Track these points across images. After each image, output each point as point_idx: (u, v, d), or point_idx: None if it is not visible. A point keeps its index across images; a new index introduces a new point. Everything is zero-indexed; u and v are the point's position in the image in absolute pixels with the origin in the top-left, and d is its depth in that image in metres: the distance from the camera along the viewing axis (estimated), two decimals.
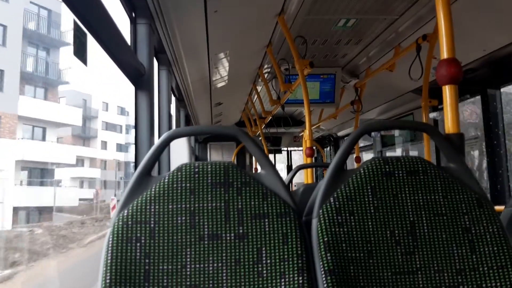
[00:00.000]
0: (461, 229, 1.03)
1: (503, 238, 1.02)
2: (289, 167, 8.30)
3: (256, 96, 4.74)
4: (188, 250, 1.00)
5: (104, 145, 30.59)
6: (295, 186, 6.25)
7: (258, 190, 1.05)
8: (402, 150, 4.99)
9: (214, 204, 1.04)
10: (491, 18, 2.44)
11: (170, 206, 1.03)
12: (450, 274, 0.99)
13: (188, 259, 0.99)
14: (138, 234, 1.00)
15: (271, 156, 8.13)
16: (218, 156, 7.56)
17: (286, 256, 1.00)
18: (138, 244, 1.00)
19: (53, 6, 21.40)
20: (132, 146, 30.17)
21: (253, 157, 4.05)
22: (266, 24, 2.84)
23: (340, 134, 6.68)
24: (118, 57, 1.65)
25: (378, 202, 1.04)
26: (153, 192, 1.04)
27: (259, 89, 4.65)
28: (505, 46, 2.55)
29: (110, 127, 31.59)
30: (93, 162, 28.63)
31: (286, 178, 3.10)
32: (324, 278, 0.96)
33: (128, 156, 30.71)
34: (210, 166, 1.07)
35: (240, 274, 0.99)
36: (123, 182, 27.42)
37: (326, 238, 1.00)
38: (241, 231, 1.02)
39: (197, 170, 1.06)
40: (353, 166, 5.43)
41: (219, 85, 4.31)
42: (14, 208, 16.27)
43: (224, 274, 0.99)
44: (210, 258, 1.00)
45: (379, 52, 3.44)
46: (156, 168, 2.07)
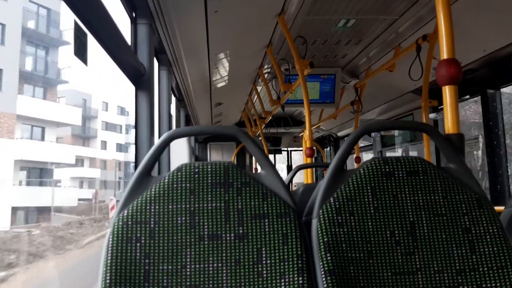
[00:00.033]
0: (461, 229, 1.03)
1: (503, 238, 1.02)
2: (289, 167, 8.30)
3: (256, 96, 4.74)
4: (188, 250, 1.00)
5: (104, 145, 30.58)
6: (295, 186, 6.25)
7: (258, 190, 1.05)
8: (402, 151, 4.99)
9: (214, 204, 1.04)
10: (491, 18, 2.44)
11: (170, 206, 1.03)
12: (450, 274, 0.99)
13: (188, 259, 0.99)
14: (138, 234, 1.00)
15: (271, 156, 8.12)
16: (218, 156, 7.56)
17: (286, 256, 1.00)
18: (138, 244, 1.00)
19: (52, 5, 21.36)
20: (132, 146, 30.17)
21: (253, 157, 4.06)
22: (266, 24, 2.84)
23: (340, 134, 6.68)
24: (119, 57, 1.65)
25: (378, 203, 1.04)
26: (153, 192, 1.04)
27: (259, 89, 4.65)
28: (505, 47, 2.55)
29: (110, 127, 31.58)
30: (92, 162, 28.63)
31: (286, 178, 3.10)
32: (324, 278, 0.96)
33: (128, 156, 30.70)
34: (210, 166, 1.07)
35: (240, 274, 0.99)
36: (123, 182, 27.42)
37: (326, 238, 1.00)
38: (241, 231, 1.02)
39: (197, 170, 1.06)
40: (353, 166, 5.43)
41: (219, 85, 4.31)
42: (12, 208, 16.23)
43: (224, 274, 0.99)
44: (210, 258, 1.00)
45: (379, 52, 3.44)
46: (156, 168, 2.07)
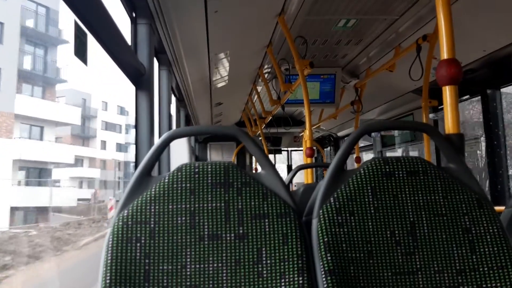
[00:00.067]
0: (461, 229, 1.03)
1: (503, 238, 1.02)
2: (289, 167, 8.30)
3: (256, 96, 4.73)
4: (188, 250, 1.00)
5: (103, 145, 30.57)
6: (295, 186, 6.24)
7: (258, 190, 1.05)
8: (402, 151, 4.99)
9: (214, 204, 1.04)
10: (491, 18, 2.44)
11: (170, 206, 1.03)
12: (450, 274, 0.99)
13: (188, 259, 0.99)
14: (138, 234, 1.00)
15: (271, 156, 8.12)
16: (218, 156, 7.55)
17: (286, 256, 1.00)
18: (138, 244, 1.00)
19: (51, 4, 21.32)
20: (131, 146, 30.16)
21: (253, 157, 4.05)
22: (266, 24, 2.84)
23: (340, 134, 6.67)
24: (119, 57, 1.65)
25: (378, 203, 1.04)
26: (153, 192, 1.04)
27: (259, 89, 4.65)
28: (505, 47, 2.55)
29: (109, 127, 31.56)
30: (92, 162, 28.61)
31: (286, 178, 3.10)
32: (324, 278, 0.96)
33: (127, 156, 30.69)
34: (210, 166, 1.07)
35: (240, 274, 0.99)
36: (122, 182, 27.38)
37: (326, 238, 1.00)
38: (241, 231, 1.02)
39: (197, 170, 1.06)
40: (353, 166, 5.43)
41: (219, 85, 4.31)
42: (11, 208, 16.18)
43: (224, 274, 0.98)
44: (210, 258, 1.00)
45: (379, 52, 3.44)
46: (156, 168, 2.07)
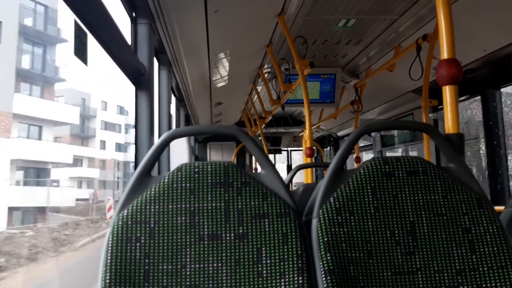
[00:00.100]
0: (461, 229, 1.03)
1: (503, 238, 1.02)
2: (289, 167, 8.30)
3: (256, 96, 4.73)
4: (188, 250, 1.00)
5: (103, 144, 30.55)
6: (295, 186, 6.25)
7: (258, 190, 1.05)
8: (402, 150, 4.99)
9: (214, 204, 1.04)
10: (491, 18, 2.44)
11: (170, 206, 1.03)
12: (450, 274, 0.99)
13: (188, 259, 0.99)
14: (138, 234, 1.00)
15: (271, 156, 8.12)
16: (218, 156, 7.55)
17: (286, 256, 1.00)
18: (138, 244, 1.00)
19: (49, 2, 21.25)
20: (131, 146, 30.14)
21: (253, 157, 4.05)
22: (266, 24, 2.84)
23: (340, 134, 6.67)
24: (119, 57, 1.65)
25: (378, 202, 1.04)
26: (153, 192, 1.04)
27: (259, 89, 4.65)
28: (505, 46, 2.55)
29: (109, 127, 31.55)
30: (91, 161, 28.60)
31: (286, 178, 3.10)
32: (324, 278, 0.96)
33: (127, 156, 30.67)
34: (210, 166, 1.07)
35: (240, 274, 0.99)
36: (122, 182, 27.35)
37: (326, 238, 1.00)
38: (241, 231, 1.02)
39: (197, 170, 1.06)
40: (353, 166, 5.43)
41: (219, 85, 4.31)
42: (9, 208, 16.11)
43: (224, 274, 0.98)
44: (210, 258, 1.00)
45: (379, 52, 3.44)
46: (156, 168, 2.07)
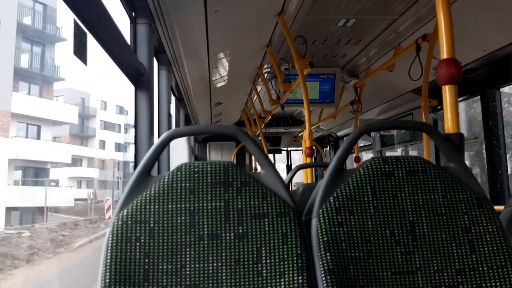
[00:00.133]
0: (460, 229, 1.03)
1: (503, 238, 1.02)
2: (288, 167, 8.30)
3: (255, 96, 4.73)
4: (187, 249, 1.00)
5: (102, 144, 30.53)
6: (295, 185, 6.25)
7: (257, 190, 1.05)
8: (402, 150, 5.00)
9: (213, 203, 1.04)
10: (491, 18, 2.44)
11: (170, 206, 1.03)
12: (449, 273, 0.99)
13: (187, 259, 0.99)
14: (138, 234, 1.00)
15: (271, 156, 8.12)
16: (218, 155, 7.55)
17: (286, 255, 1.00)
18: (138, 243, 1.00)
19: (48, 1, 21.15)
20: (130, 146, 30.13)
21: (252, 157, 4.05)
22: (266, 24, 2.84)
23: (339, 134, 6.67)
24: (118, 56, 1.65)
25: (377, 202, 1.04)
26: (152, 191, 1.04)
27: (259, 89, 4.65)
28: (505, 46, 2.55)
29: (108, 126, 31.53)
30: (91, 161, 28.58)
31: (286, 177, 3.10)
32: (323, 278, 0.96)
33: (126, 155, 30.66)
34: (209, 166, 1.07)
35: (239, 274, 0.99)
36: (122, 182, 27.31)
37: (325, 238, 1.00)
38: (240, 231, 1.02)
39: (196, 169, 1.06)
40: (352, 166, 5.43)
41: (219, 85, 4.31)
42: (7, 208, 16.05)
43: (223, 274, 0.98)
44: (210, 258, 1.00)
45: (379, 52, 3.44)
46: (155, 167, 2.07)
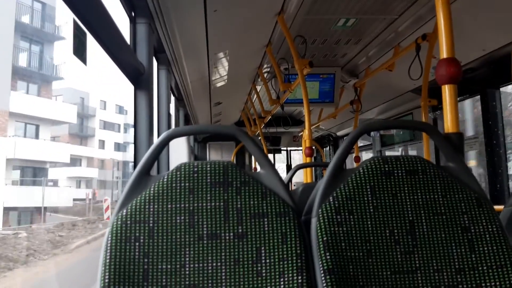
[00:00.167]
0: (460, 228, 1.03)
1: (502, 237, 1.02)
2: (288, 167, 8.30)
3: (255, 95, 4.73)
4: (187, 249, 1.00)
5: (102, 144, 30.51)
6: (295, 185, 6.25)
7: (257, 190, 1.05)
8: (402, 150, 5.00)
9: (213, 203, 1.03)
10: (491, 18, 2.44)
11: (169, 206, 1.03)
12: (449, 273, 0.99)
13: (187, 259, 0.99)
14: (137, 234, 1.00)
15: (271, 155, 8.12)
16: (217, 155, 7.55)
17: (286, 255, 0.99)
18: (137, 243, 0.99)
19: (47, 0, 21.17)
20: (130, 146, 30.13)
21: (252, 156, 4.05)
22: (266, 23, 2.84)
23: (339, 133, 6.67)
24: (118, 56, 1.65)
25: (377, 202, 1.04)
26: (152, 191, 1.04)
27: (259, 88, 4.65)
28: (504, 46, 2.55)
29: (108, 126, 31.51)
30: (90, 161, 28.56)
31: (286, 177, 3.10)
32: (323, 278, 0.96)
33: (126, 155, 30.64)
34: (209, 166, 1.07)
35: (239, 274, 0.99)
36: (121, 181, 27.29)
37: (325, 238, 1.00)
38: (240, 231, 1.02)
39: (196, 169, 1.06)
40: (352, 165, 5.43)
41: (219, 84, 4.31)
42: (5, 208, 15.99)
43: (223, 274, 0.98)
44: (209, 258, 1.00)
45: (379, 51, 3.44)
46: (155, 167, 2.07)
